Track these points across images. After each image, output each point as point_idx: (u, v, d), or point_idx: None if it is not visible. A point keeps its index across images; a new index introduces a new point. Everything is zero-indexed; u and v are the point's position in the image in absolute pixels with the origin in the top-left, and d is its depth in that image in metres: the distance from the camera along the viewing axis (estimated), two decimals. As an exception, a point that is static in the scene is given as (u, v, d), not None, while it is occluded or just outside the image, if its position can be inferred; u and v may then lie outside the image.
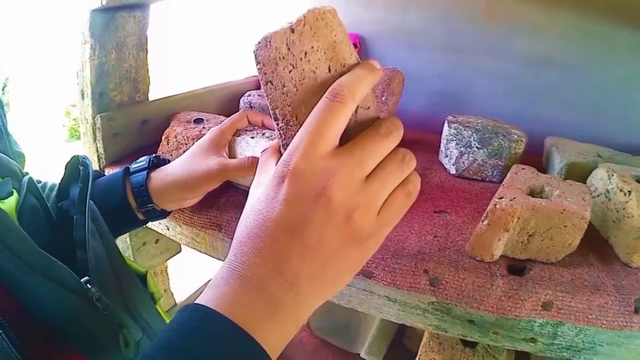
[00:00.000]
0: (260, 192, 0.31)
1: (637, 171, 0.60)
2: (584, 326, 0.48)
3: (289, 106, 0.33)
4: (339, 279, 0.32)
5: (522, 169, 0.58)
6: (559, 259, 0.51)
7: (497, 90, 0.82)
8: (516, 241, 0.50)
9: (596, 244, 0.56)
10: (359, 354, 0.81)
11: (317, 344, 0.86)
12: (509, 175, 0.56)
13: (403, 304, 0.50)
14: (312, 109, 0.31)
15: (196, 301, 0.29)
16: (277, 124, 0.35)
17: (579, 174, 0.64)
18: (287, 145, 0.32)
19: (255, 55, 0.33)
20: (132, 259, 0.75)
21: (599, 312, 0.47)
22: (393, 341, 0.81)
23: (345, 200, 0.30)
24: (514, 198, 0.49)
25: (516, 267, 0.50)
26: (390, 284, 0.48)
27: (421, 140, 0.71)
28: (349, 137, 0.32)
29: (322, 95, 0.31)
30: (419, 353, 0.73)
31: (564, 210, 0.48)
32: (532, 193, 0.52)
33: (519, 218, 0.48)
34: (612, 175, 0.57)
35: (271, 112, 0.35)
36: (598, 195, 0.59)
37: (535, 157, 0.73)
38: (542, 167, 0.75)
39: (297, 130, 0.32)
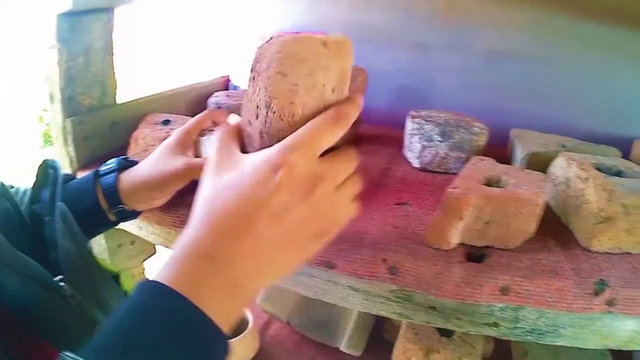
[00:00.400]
0: (246, 173, 0.33)
1: (597, 159, 0.62)
2: (545, 309, 0.49)
3: (292, 103, 0.35)
4: (293, 262, 0.35)
5: (481, 160, 0.59)
6: (517, 245, 0.52)
7: (461, 85, 0.84)
8: (473, 229, 0.51)
9: (558, 231, 0.58)
10: (339, 348, 0.81)
11: (298, 340, 0.86)
12: (467, 166, 0.57)
13: (366, 293, 0.51)
14: (309, 114, 0.35)
15: (156, 277, 0.31)
16: (266, 112, 0.36)
17: (540, 163, 0.65)
18: (269, 132, 0.35)
19: (279, 44, 0.35)
20: (109, 262, 0.76)
21: (558, 295, 0.48)
22: (373, 334, 0.81)
23: (324, 201, 0.34)
24: (469, 188, 0.50)
25: (474, 254, 0.51)
26: (352, 274, 0.49)
27: (386, 135, 0.73)
28: None
29: (320, 107, 0.35)
30: (397, 344, 0.74)
31: (518, 197, 0.50)
32: (489, 182, 0.54)
33: (473, 207, 0.49)
34: (571, 163, 0.58)
35: (260, 96, 0.36)
36: (558, 184, 0.61)
37: (501, 149, 0.74)
38: (508, 158, 0.76)
39: (286, 126, 0.35)
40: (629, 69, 0.84)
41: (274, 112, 0.35)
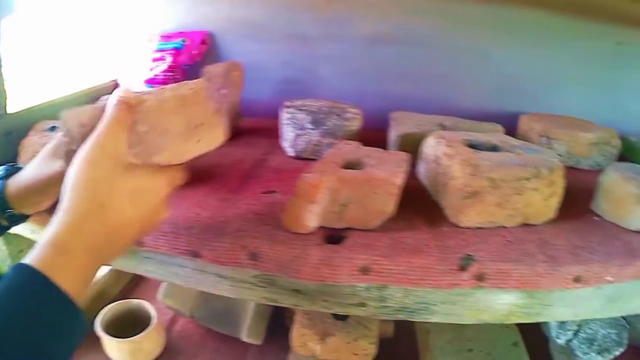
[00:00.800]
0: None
1: (472, 136, 0.62)
2: (410, 287, 0.49)
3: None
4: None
5: (347, 144, 0.60)
6: (377, 225, 0.52)
7: (343, 73, 0.85)
8: (330, 212, 0.50)
9: (429, 209, 0.57)
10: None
11: (203, 334, 0.84)
12: (329, 150, 0.57)
13: (232, 280, 0.50)
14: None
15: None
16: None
17: (414, 144, 0.65)
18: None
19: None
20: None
21: (422, 272, 0.48)
22: (276, 322, 0.80)
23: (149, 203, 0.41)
24: (324, 171, 0.50)
25: (333, 236, 0.50)
26: (215, 262, 0.49)
27: (267, 127, 0.74)
28: None
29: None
30: (293, 330, 0.73)
31: (372, 178, 0.50)
32: (348, 165, 0.53)
33: (329, 190, 0.49)
34: (440, 141, 0.58)
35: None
36: (429, 162, 0.61)
37: (382, 133, 0.75)
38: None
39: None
40: (511, 45, 0.87)
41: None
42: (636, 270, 0.53)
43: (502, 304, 0.51)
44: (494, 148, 0.60)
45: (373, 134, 0.69)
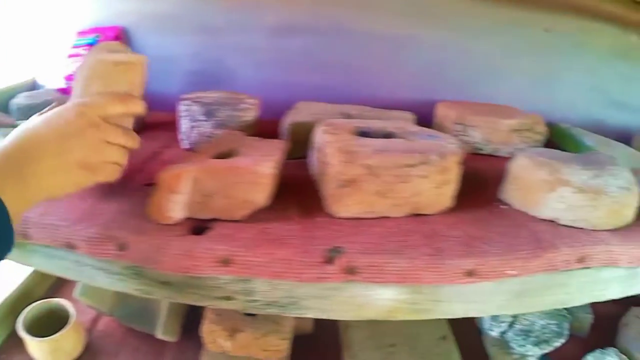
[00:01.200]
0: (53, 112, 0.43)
1: (366, 123, 0.60)
2: (275, 280, 0.46)
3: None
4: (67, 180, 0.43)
5: (230, 134, 0.59)
6: (245, 216, 0.49)
7: (250, 63, 0.84)
8: (195, 202, 0.48)
9: (311, 199, 0.55)
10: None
11: (124, 332, 0.82)
12: (208, 141, 0.57)
13: (107, 271, 0.49)
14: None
15: None
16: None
17: (305, 133, 0.62)
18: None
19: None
20: None
21: (284, 265, 0.45)
22: (194, 319, 0.78)
23: (95, 145, 0.43)
24: (191, 162, 0.49)
25: (198, 227, 0.48)
26: (89, 253, 0.47)
27: (172, 121, 0.71)
28: None
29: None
30: (203, 327, 0.71)
31: (235, 167, 0.48)
32: (221, 155, 0.52)
33: (192, 180, 0.47)
34: (325, 129, 0.56)
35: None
36: (316, 151, 0.58)
37: None
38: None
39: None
40: (433, 33, 0.84)
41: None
42: (544, 262, 0.50)
43: (382, 300, 0.48)
44: (388, 135, 0.58)
45: (276, 124, 0.68)
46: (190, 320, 0.82)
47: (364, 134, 0.57)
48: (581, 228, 0.56)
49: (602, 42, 0.87)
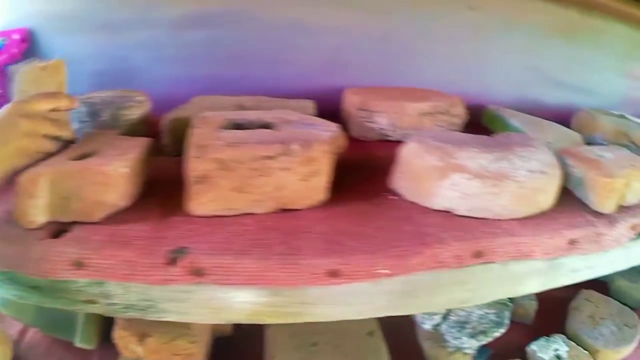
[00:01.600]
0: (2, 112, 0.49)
1: (241, 115, 0.57)
2: (127, 283, 0.44)
3: None
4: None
5: (99, 134, 0.58)
6: (102, 217, 0.47)
7: (154, 60, 0.81)
8: (55, 205, 0.46)
9: (177, 198, 0.51)
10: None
11: (51, 343, 0.81)
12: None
13: None
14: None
15: None
16: None
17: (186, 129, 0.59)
18: None
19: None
20: None
21: (129, 267, 0.43)
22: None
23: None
24: (47, 165, 0.47)
25: (57, 231, 0.46)
26: None
27: None
28: None
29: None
30: (115, 333, 0.69)
31: (84, 169, 0.46)
32: (82, 156, 0.50)
33: (49, 183, 0.45)
34: (193, 124, 0.53)
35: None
36: None
37: None
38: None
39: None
40: (342, 17, 0.80)
41: None
42: (427, 259, 0.47)
43: (241, 303, 0.45)
44: (264, 126, 0.55)
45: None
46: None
47: (237, 126, 0.54)
48: (482, 218, 0.52)
49: (537, 19, 0.82)
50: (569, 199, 0.59)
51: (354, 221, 0.50)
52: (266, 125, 0.54)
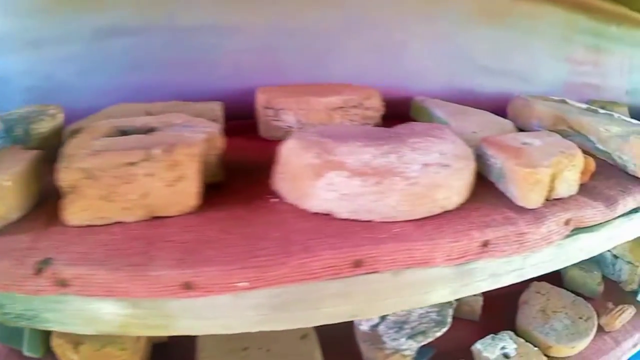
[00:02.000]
0: None
1: (127, 122, 0.58)
2: (8, 293, 0.45)
3: None
4: None
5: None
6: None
7: (78, 73, 0.82)
8: None
9: None
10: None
11: (7, 352, 0.84)
12: None
13: None
14: None
15: None
16: None
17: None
18: None
19: None
20: None
21: (6, 277, 0.44)
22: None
23: None
24: None
25: None
26: None
27: None
28: None
29: None
30: (52, 341, 0.71)
31: None
32: None
33: None
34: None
35: None
36: None
37: None
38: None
39: None
40: (251, 20, 0.80)
41: None
42: (292, 270, 0.43)
43: (108, 314, 0.46)
44: (150, 131, 0.55)
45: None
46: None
47: (123, 132, 0.55)
48: (368, 222, 0.48)
49: (462, 4, 0.79)
50: (490, 194, 0.56)
51: (224, 228, 0.48)
52: (150, 130, 0.55)
